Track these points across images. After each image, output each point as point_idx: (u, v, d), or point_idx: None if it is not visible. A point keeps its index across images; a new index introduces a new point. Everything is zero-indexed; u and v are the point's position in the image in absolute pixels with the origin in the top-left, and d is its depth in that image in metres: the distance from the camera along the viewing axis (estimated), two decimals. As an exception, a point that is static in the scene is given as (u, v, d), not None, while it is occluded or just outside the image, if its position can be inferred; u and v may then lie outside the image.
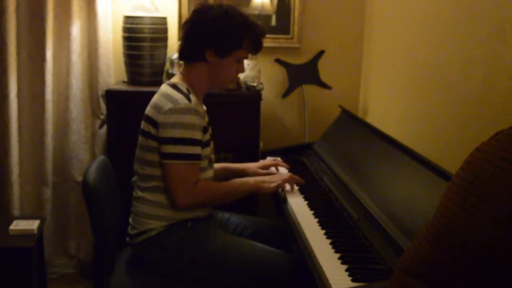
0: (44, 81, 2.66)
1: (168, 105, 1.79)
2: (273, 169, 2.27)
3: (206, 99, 2.01)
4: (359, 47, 3.11)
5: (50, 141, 2.75)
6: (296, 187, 2.12)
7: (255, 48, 1.93)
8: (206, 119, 1.93)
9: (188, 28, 1.89)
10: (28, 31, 2.65)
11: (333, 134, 2.64)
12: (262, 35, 1.93)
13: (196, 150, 1.81)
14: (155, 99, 1.87)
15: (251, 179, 1.99)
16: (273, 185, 1.98)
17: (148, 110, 1.87)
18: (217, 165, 2.15)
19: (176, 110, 1.78)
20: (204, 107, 1.99)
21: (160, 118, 1.80)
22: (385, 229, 1.65)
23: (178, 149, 1.78)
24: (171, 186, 1.81)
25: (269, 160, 2.34)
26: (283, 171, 2.27)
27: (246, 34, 1.87)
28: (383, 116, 2.77)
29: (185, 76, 1.91)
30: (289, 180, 2.06)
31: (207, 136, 1.90)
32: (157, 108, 1.82)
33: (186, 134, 1.78)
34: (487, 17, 1.79)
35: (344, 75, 3.13)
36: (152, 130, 1.82)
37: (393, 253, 1.53)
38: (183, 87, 1.85)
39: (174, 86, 1.86)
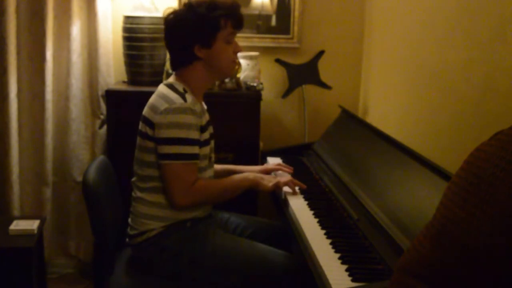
0: (44, 81, 2.66)
1: (163, 105, 1.78)
2: (279, 172, 2.26)
3: (206, 99, 2.01)
4: (359, 47, 3.11)
5: (50, 141, 2.74)
6: (296, 188, 2.11)
7: (236, 22, 1.89)
8: (206, 117, 1.92)
9: (167, 40, 1.91)
10: (28, 31, 2.65)
11: (333, 134, 2.64)
12: (235, 8, 1.89)
13: (193, 149, 1.81)
14: (152, 99, 1.87)
15: (251, 175, 1.99)
16: (271, 184, 1.98)
17: (145, 110, 1.87)
18: (218, 167, 2.14)
19: (171, 110, 1.77)
20: (205, 106, 1.99)
21: (156, 119, 1.79)
22: (385, 229, 1.65)
23: (174, 149, 1.78)
24: (169, 187, 1.81)
25: (272, 164, 2.33)
26: (285, 175, 2.26)
27: (217, 14, 1.84)
28: (383, 116, 2.77)
29: (181, 77, 1.90)
30: (288, 183, 2.05)
31: (206, 135, 1.89)
32: (153, 108, 1.82)
33: (182, 134, 1.78)
34: (487, 17, 1.79)
35: (344, 75, 3.13)
36: (149, 131, 1.82)
37: (393, 253, 1.53)
38: (180, 86, 1.85)
39: (170, 86, 1.85)
